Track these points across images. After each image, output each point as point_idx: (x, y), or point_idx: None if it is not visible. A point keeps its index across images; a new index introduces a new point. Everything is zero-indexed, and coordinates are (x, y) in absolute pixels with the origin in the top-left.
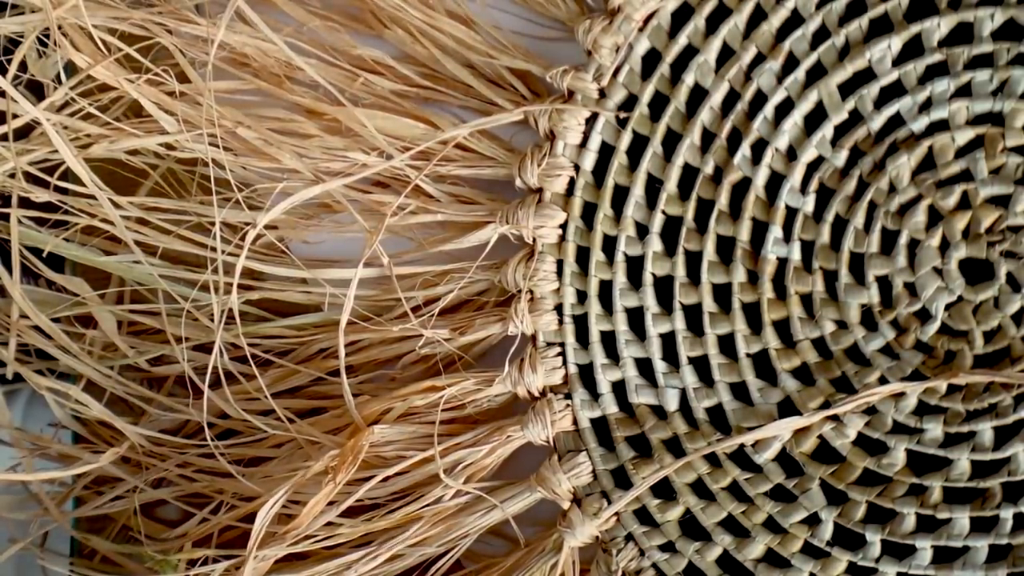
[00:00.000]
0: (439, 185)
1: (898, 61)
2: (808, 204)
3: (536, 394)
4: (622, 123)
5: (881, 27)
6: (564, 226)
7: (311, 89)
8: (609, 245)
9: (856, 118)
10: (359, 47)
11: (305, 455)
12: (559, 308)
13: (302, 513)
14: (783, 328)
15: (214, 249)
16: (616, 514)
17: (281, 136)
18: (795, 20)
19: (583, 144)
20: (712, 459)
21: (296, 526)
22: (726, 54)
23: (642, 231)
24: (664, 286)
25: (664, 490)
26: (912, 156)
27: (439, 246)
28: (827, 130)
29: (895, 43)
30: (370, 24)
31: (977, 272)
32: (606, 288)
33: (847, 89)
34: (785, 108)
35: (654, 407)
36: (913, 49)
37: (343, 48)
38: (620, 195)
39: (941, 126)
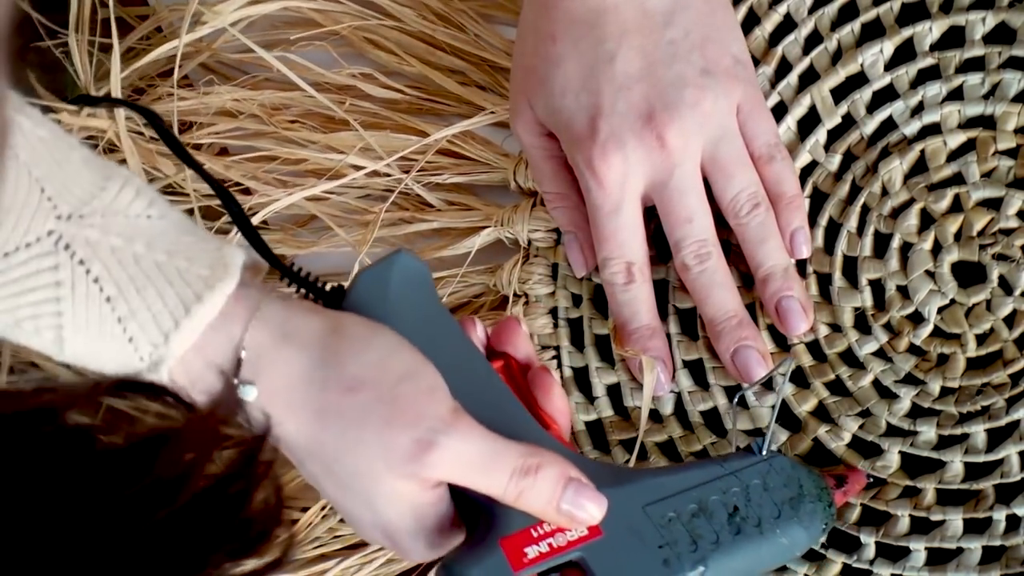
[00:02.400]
0: (436, 194)
1: (890, 65)
2: None
3: None
4: None
5: (873, 31)
6: (558, 229)
7: (299, 120)
8: None
9: (849, 122)
10: (348, 67)
11: None
12: (554, 311)
13: (300, 521)
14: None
15: None
16: None
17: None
18: (788, 25)
19: None
20: None
21: (295, 533)
22: None
23: None
24: (659, 289)
25: None
26: (904, 160)
27: (434, 254)
28: (820, 135)
29: (887, 47)
30: (350, 44)
31: (969, 275)
32: (600, 292)
33: (840, 93)
34: (778, 112)
35: (649, 410)
36: (905, 53)
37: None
38: None
39: (933, 130)
